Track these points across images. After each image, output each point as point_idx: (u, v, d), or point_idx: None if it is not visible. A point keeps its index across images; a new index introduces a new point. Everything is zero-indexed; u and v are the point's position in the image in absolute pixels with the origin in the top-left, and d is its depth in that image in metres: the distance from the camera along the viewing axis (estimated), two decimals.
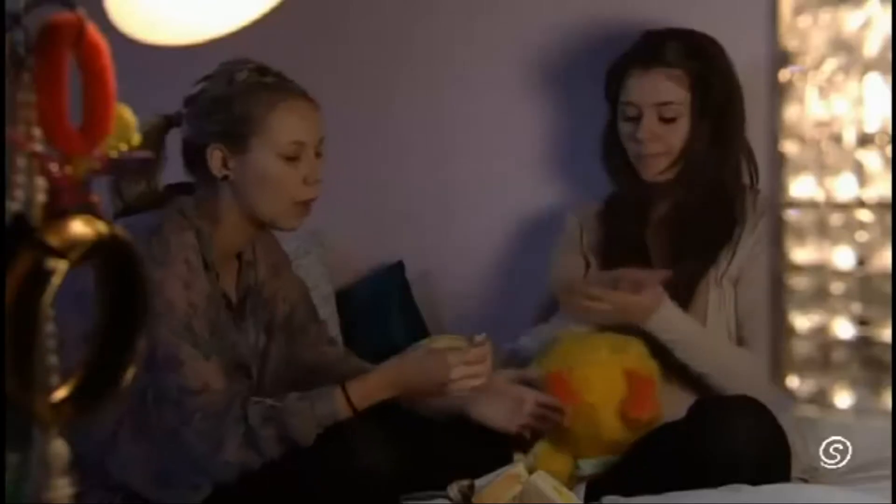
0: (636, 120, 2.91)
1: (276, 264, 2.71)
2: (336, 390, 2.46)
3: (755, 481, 2.50)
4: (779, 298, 1.20)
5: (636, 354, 2.79)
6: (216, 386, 2.42)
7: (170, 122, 2.55)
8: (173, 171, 2.59)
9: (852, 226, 1.16)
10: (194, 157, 2.55)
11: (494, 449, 2.71)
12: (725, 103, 2.90)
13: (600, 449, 2.76)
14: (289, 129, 2.52)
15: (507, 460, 2.69)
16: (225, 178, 2.53)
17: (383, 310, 3.35)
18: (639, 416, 2.73)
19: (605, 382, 2.75)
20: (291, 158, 2.52)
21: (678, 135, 2.88)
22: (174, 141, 2.57)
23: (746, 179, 2.96)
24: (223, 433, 2.39)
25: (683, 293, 2.86)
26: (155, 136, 2.51)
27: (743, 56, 2.92)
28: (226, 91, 2.52)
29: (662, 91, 2.88)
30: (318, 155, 2.57)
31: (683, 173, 2.89)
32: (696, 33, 2.94)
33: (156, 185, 2.57)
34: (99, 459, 2.45)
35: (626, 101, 2.92)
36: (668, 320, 2.79)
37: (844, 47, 1.16)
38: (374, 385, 2.50)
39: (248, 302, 2.62)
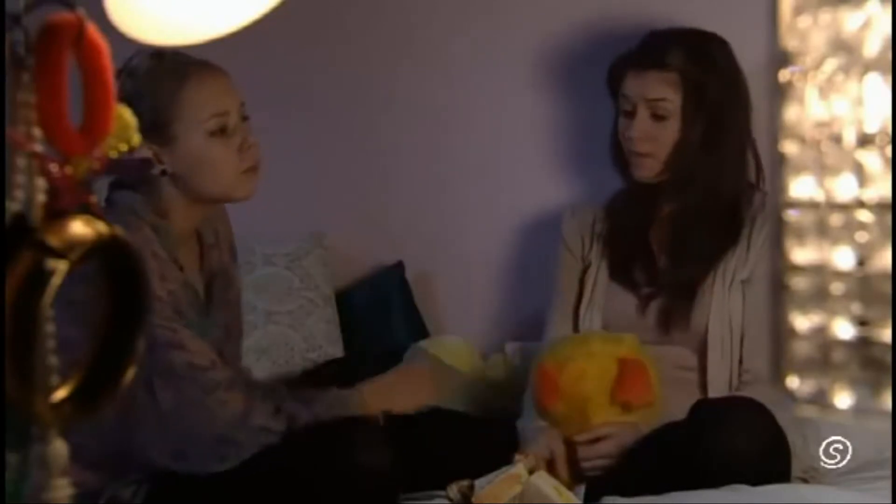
0: (631, 115, 2.90)
1: (234, 247, 2.70)
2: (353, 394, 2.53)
3: (755, 481, 2.51)
4: (779, 299, 1.20)
5: (630, 346, 2.79)
6: (219, 361, 2.45)
7: None
8: None
9: (852, 226, 1.16)
10: None
11: (494, 449, 2.71)
12: (722, 106, 2.87)
13: None
14: (207, 103, 2.48)
15: (507, 460, 2.69)
16: (163, 172, 2.49)
17: (383, 310, 3.35)
18: (628, 399, 2.73)
19: (598, 373, 2.75)
20: (220, 133, 2.48)
21: (668, 135, 2.87)
22: None
23: (753, 180, 2.94)
24: (251, 402, 2.41)
25: (685, 295, 2.86)
26: None
27: (743, 56, 2.91)
28: (133, 87, 2.46)
29: (655, 89, 2.88)
30: (244, 119, 2.52)
31: (676, 175, 2.89)
32: (702, 34, 2.92)
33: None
34: (118, 449, 2.45)
35: (623, 93, 2.92)
36: None
37: (844, 47, 1.16)
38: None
39: (214, 286, 2.61)
